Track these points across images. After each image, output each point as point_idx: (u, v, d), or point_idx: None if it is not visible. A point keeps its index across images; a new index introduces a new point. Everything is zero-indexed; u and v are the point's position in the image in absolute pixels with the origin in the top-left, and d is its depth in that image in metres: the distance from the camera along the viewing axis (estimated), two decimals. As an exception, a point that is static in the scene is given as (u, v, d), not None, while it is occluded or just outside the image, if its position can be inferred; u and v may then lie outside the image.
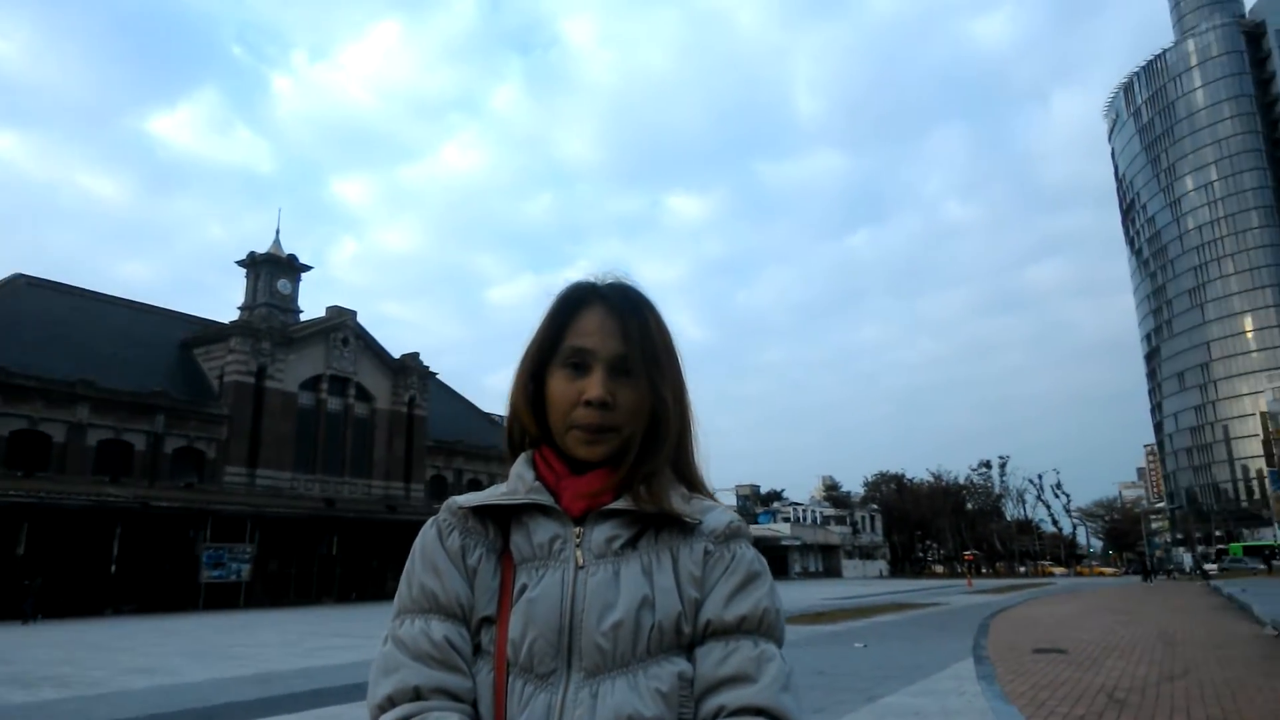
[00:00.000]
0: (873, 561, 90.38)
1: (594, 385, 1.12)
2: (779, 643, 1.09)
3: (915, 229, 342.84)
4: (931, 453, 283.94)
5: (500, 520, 1.15)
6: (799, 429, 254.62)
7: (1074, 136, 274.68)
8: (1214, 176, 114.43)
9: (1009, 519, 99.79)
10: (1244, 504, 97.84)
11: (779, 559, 74.68)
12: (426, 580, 1.10)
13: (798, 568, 77.45)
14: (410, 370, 48.20)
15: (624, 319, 1.16)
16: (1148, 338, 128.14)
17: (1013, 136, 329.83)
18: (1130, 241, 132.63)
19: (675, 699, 1.03)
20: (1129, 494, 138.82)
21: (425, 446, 48.70)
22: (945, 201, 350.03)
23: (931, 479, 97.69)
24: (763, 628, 1.08)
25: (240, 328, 41.19)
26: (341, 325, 45.44)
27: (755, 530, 75.91)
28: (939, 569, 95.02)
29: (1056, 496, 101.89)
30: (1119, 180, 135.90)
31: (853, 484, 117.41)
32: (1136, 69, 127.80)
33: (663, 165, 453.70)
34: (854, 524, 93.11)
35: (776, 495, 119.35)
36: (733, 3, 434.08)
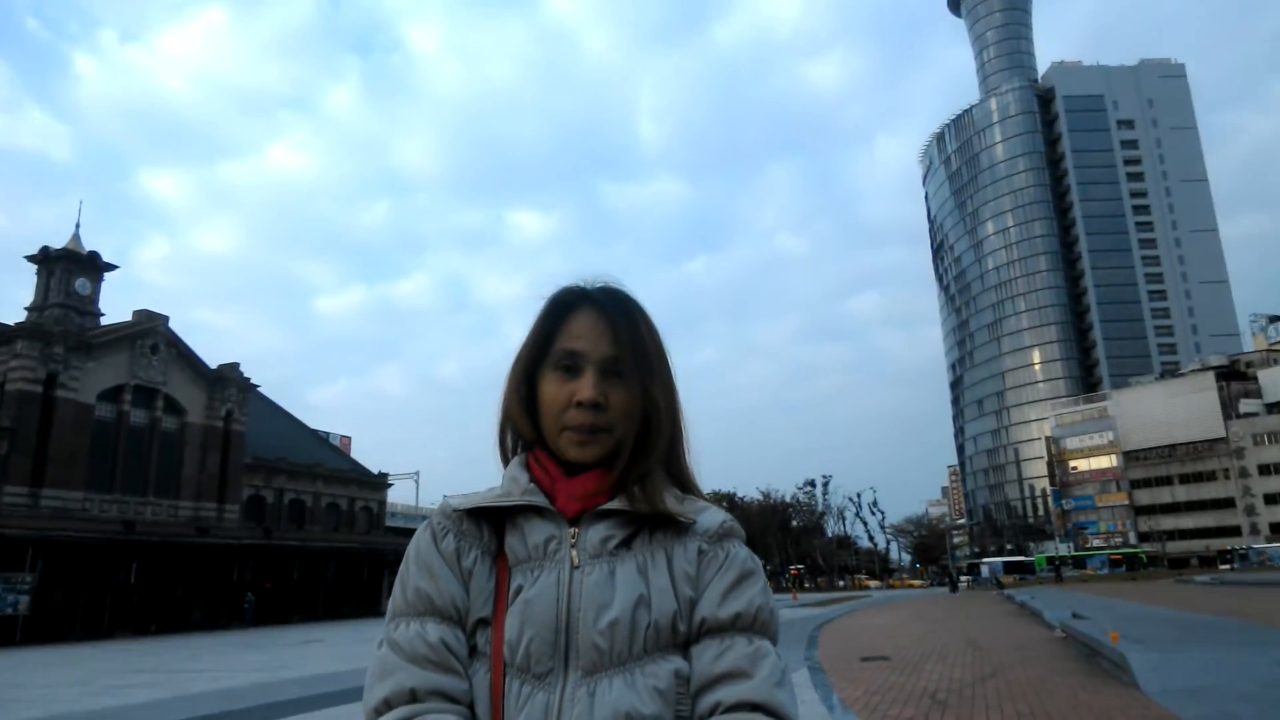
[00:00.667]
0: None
1: (586, 386, 1.13)
2: (773, 640, 1.11)
3: (750, 258, 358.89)
4: (761, 472, 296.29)
5: (495, 522, 1.15)
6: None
7: (893, 179, 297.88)
8: (1010, 223, 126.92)
9: (830, 535, 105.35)
10: (1030, 520, 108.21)
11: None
12: (421, 583, 1.10)
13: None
14: (228, 382, 44.79)
15: (614, 321, 1.18)
16: (953, 367, 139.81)
17: (840, 175, 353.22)
18: (939, 278, 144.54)
19: (672, 696, 1.04)
20: (935, 511, 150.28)
21: (243, 464, 45.31)
22: (778, 233, 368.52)
23: (761, 497, 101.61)
24: (756, 625, 1.09)
25: (28, 330, 36.78)
26: (150, 331, 41.57)
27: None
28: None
29: (873, 514, 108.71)
30: (931, 222, 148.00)
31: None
32: (948, 121, 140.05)
33: (506, 180, 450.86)
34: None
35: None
36: (581, 23, 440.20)
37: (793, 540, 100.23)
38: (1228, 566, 63.91)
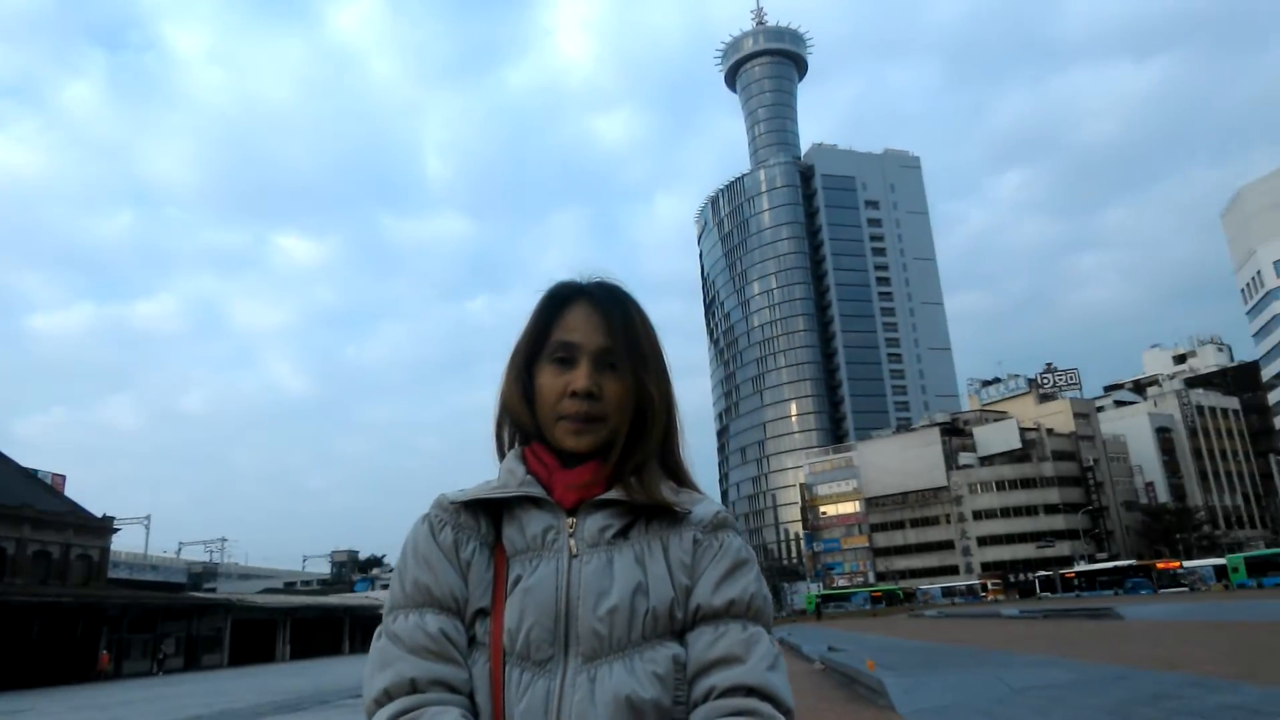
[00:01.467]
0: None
1: (580, 377, 1.16)
2: (767, 627, 1.13)
3: (530, 301, 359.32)
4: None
5: (492, 514, 1.17)
6: (404, 491, 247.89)
7: (671, 235, 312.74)
8: (774, 285, 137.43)
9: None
10: (786, 562, 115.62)
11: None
12: (420, 575, 1.12)
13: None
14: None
15: (609, 314, 1.20)
16: (720, 416, 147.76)
17: (622, 227, 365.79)
18: (710, 332, 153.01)
19: (670, 681, 1.06)
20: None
21: (-75, 504, 38.09)
22: (559, 278, 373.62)
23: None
24: (750, 612, 1.12)
25: None
26: None
27: (350, 600, 71.15)
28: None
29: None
30: (704, 279, 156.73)
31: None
32: (722, 186, 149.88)
33: (275, 201, 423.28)
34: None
35: (377, 561, 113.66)
36: (367, 48, 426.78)
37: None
38: (1046, 594, 69.16)
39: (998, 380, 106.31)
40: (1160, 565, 61.60)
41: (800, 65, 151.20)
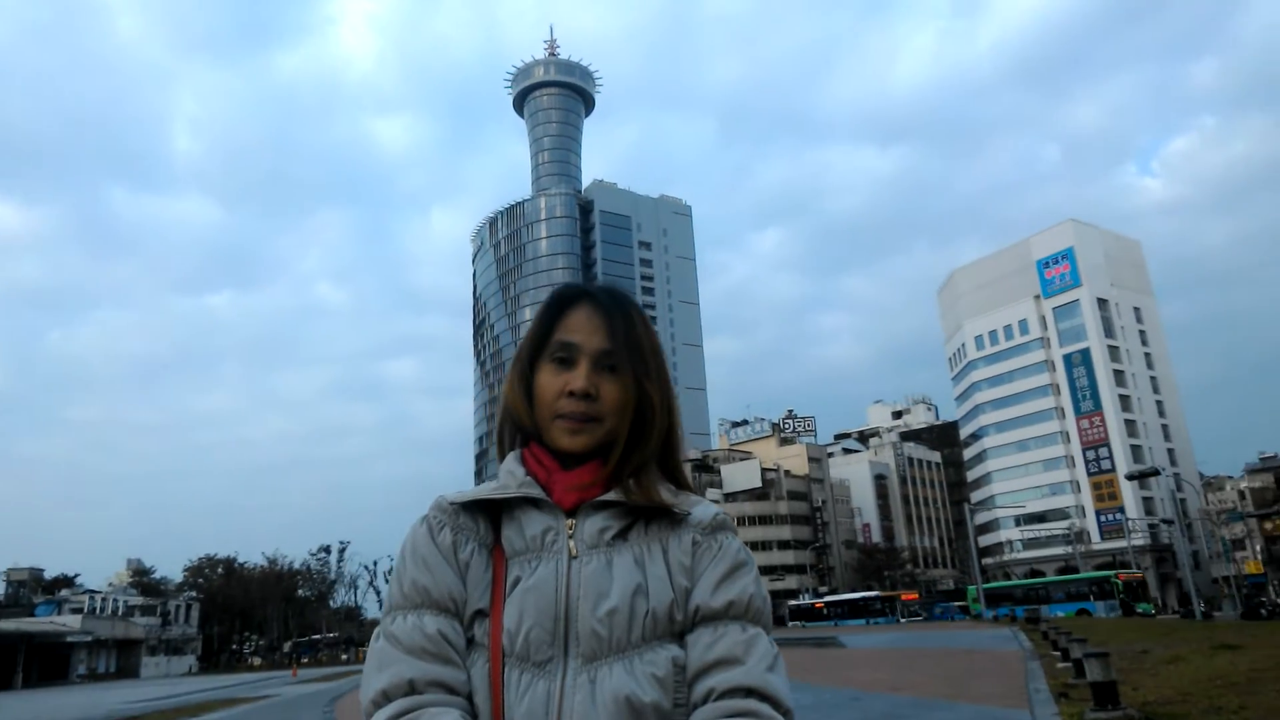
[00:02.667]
0: (181, 657, 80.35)
1: (578, 377, 1.17)
2: (766, 628, 1.13)
3: (285, 301, 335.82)
4: (272, 536, 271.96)
5: (491, 515, 1.17)
6: (105, 502, 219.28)
7: (445, 250, 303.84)
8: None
9: (340, 605, 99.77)
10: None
11: (60, 659, 61.24)
12: (418, 576, 1.11)
13: (83, 669, 64.35)
14: None
15: (610, 316, 1.21)
16: (480, 439, 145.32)
17: (395, 236, 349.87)
18: (477, 353, 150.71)
19: (670, 684, 1.06)
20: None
21: None
22: (320, 281, 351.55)
23: (267, 564, 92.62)
24: (749, 613, 1.12)
25: None
26: None
27: (29, 625, 61.30)
28: (257, 661, 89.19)
29: (388, 583, 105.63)
30: (476, 298, 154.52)
31: (171, 569, 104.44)
32: (502, 209, 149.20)
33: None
34: (165, 615, 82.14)
35: (67, 581, 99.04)
36: (112, 1, 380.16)
37: (296, 611, 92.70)
38: (797, 623, 71.14)
39: (746, 422, 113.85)
40: (905, 596, 67.40)
41: (588, 101, 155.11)
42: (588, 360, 1.18)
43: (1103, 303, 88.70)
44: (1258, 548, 73.27)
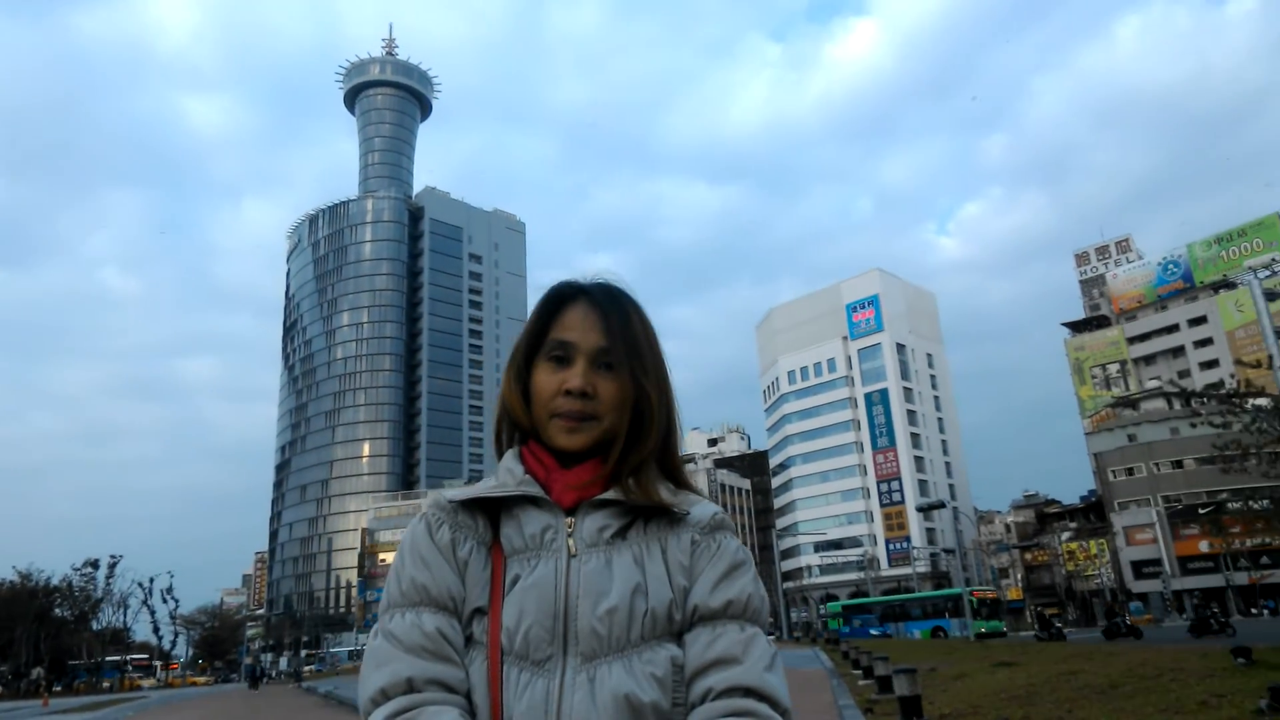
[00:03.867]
0: (-101, 687, 68.91)
1: (575, 375, 1.16)
2: (764, 628, 1.13)
3: (63, 285, 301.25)
4: (26, 547, 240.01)
5: (490, 514, 1.17)
6: None
7: (256, 245, 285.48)
8: (365, 319, 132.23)
9: (104, 626, 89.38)
10: (332, 611, 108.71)
11: None
12: (417, 574, 1.11)
13: None
14: None
15: (606, 313, 1.20)
16: (283, 449, 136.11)
17: (199, 224, 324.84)
18: (286, 357, 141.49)
19: (669, 683, 1.07)
20: (232, 600, 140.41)
21: None
22: (106, 265, 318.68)
23: (18, 578, 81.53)
24: (748, 613, 1.12)
25: None
26: None
27: None
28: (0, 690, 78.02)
29: (165, 602, 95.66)
30: (288, 298, 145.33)
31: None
32: (324, 206, 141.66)
33: None
34: (-118, 638, 70.23)
35: None
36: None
37: (50, 633, 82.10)
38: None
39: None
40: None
41: (424, 105, 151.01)
42: (584, 358, 1.17)
43: (901, 348, 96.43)
44: (1019, 575, 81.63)
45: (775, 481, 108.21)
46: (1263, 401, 21.11)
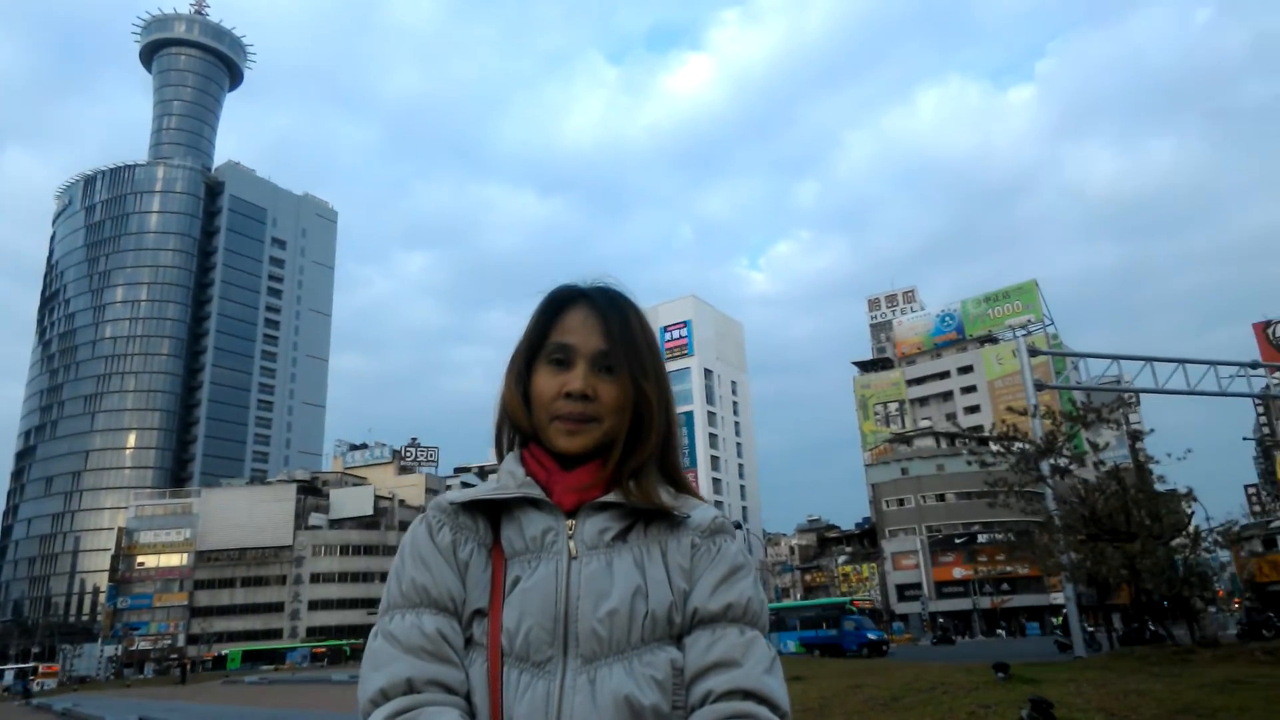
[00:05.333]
0: None
1: (575, 378, 1.16)
2: (763, 631, 1.14)
3: None
4: None
5: (490, 516, 1.17)
6: None
7: (15, 199, 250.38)
8: (143, 297, 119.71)
9: None
10: (74, 619, 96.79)
11: None
12: (417, 575, 1.12)
13: None
14: None
15: (606, 317, 1.21)
16: (27, 434, 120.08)
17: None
18: (42, 331, 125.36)
19: (669, 686, 1.07)
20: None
21: None
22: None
23: None
24: (747, 616, 1.13)
25: None
26: None
27: None
28: None
29: None
30: (51, 265, 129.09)
31: None
32: (106, 168, 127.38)
33: None
34: None
35: None
36: None
37: None
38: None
39: (365, 446, 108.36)
40: None
41: (234, 73, 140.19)
42: (585, 361, 1.18)
43: (709, 373, 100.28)
44: (799, 595, 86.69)
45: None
46: (1027, 446, 23.65)
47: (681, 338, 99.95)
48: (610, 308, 1.22)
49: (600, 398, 1.16)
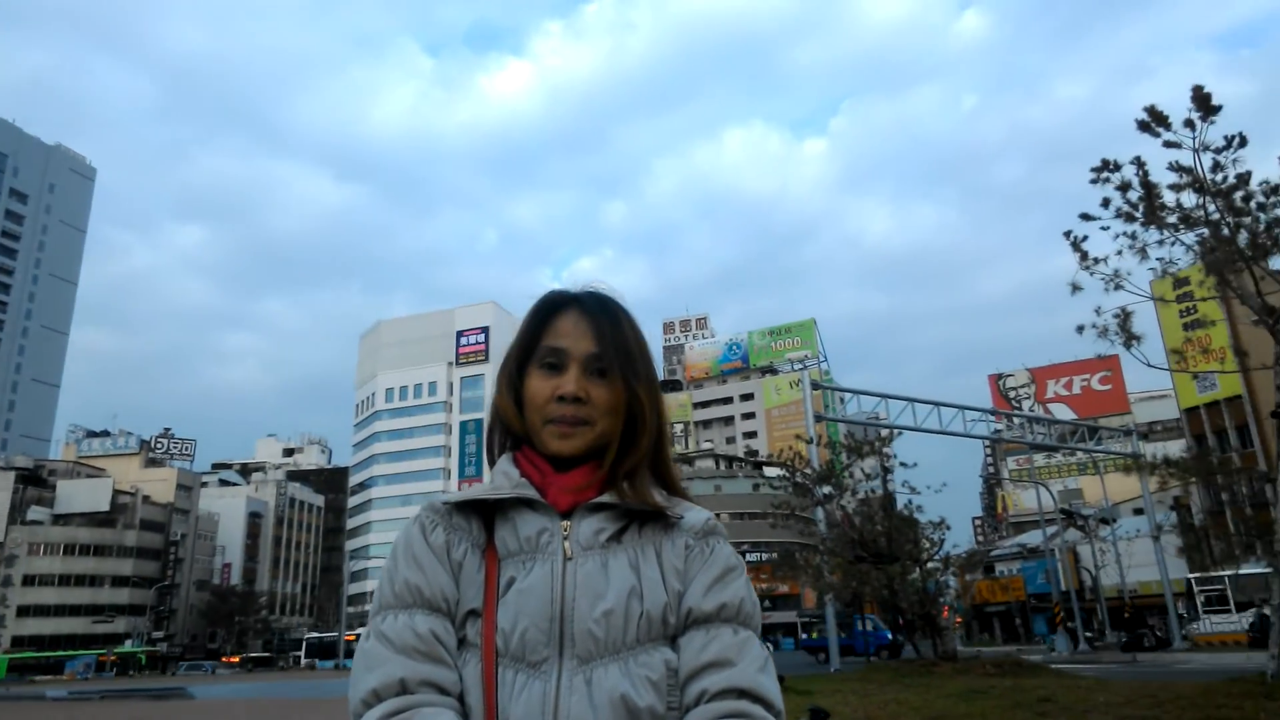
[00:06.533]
0: None
1: (568, 381, 1.17)
2: (757, 631, 1.15)
3: None
4: None
5: (484, 516, 1.17)
6: None
7: None
8: None
9: None
10: None
11: None
12: (410, 575, 1.12)
13: None
14: None
15: (597, 320, 1.22)
16: None
17: None
18: None
19: (664, 687, 1.08)
20: None
21: None
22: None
23: None
24: (741, 616, 1.14)
25: None
26: None
27: None
28: None
29: None
30: None
31: None
32: None
33: None
34: None
35: None
36: None
37: None
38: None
39: (107, 434, 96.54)
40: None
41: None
42: (577, 364, 1.19)
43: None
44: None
45: (353, 501, 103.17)
46: (807, 471, 25.26)
47: (479, 343, 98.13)
48: (601, 312, 1.23)
49: (593, 400, 1.17)
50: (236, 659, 77.62)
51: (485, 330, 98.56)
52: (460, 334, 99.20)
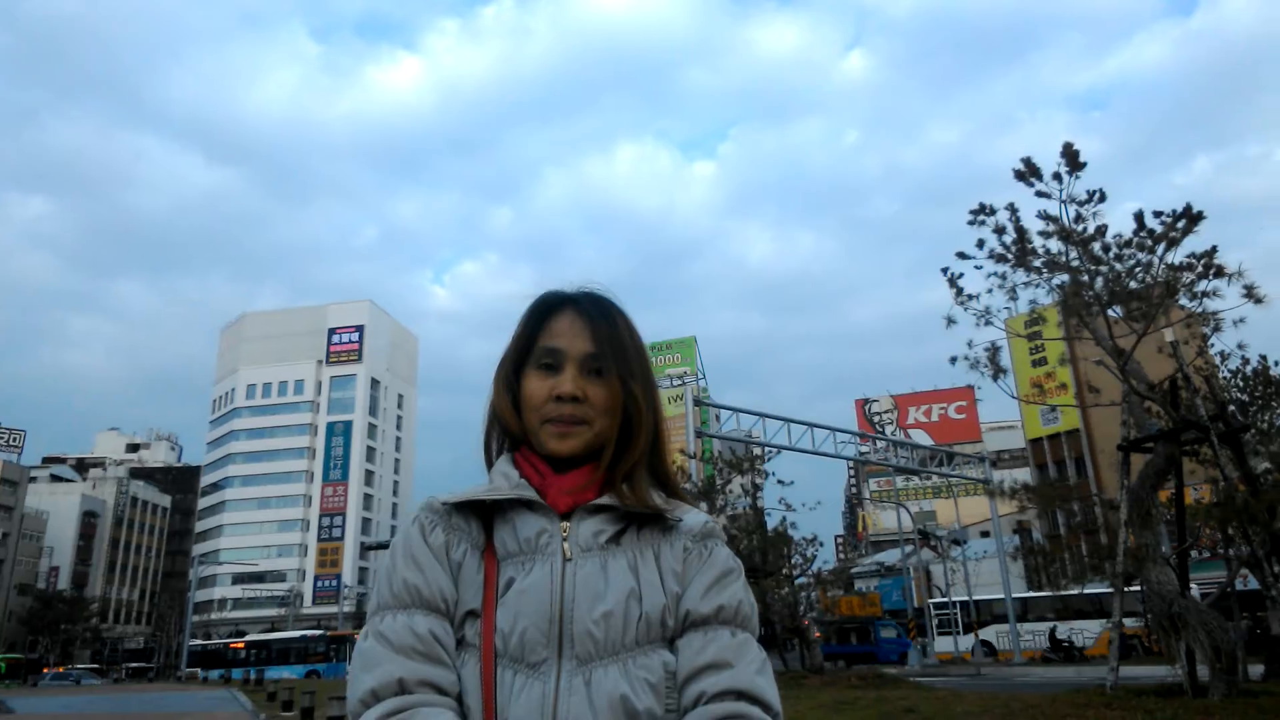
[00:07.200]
0: None
1: (565, 381, 1.18)
2: (754, 633, 1.15)
3: None
4: None
5: (483, 517, 1.17)
6: None
7: None
8: None
9: None
10: None
11: None
12: (409, 575, 1.11)
13: None
14: None
15: (594, 321, 1.22)
16: None
17: None
18: None
19: (663, 689, 1.08)
20: None
21: None
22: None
23: None
24: (739, 618, 1.14)
25: None
26: None
27: None
28: None
29: None
30: None
31: None
32: None
33: None
34: None
35: None
36: None
37: None
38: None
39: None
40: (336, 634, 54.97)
41: None
42: (574, 364, 1.19)
43: (376, 383, 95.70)
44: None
45: (204, 502, 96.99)
46: (690, 487, 25.73)
47: (352, 342, 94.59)
48: (597, 312, 1.24)
49: (590, 400, 1.17)
50: (61, 669, 71.35)
51: (360, 329, 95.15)
52: (333, 331, 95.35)
